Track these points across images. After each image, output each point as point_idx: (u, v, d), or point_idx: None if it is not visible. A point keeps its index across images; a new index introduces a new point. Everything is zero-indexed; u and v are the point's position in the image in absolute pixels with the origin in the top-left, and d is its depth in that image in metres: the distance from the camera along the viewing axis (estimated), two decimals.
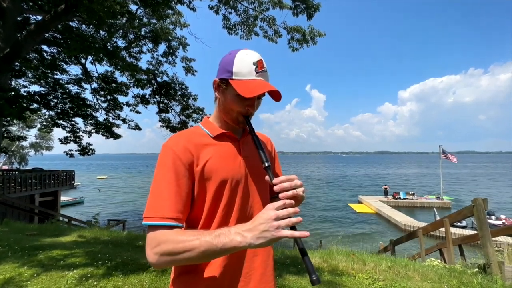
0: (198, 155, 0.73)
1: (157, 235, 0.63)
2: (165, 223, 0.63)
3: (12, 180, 11.71)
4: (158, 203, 0.66)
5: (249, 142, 0.83)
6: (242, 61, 0.74)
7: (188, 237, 0.61)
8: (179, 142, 0.74)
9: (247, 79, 0.73)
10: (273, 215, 0.59)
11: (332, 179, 54.52)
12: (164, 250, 0.61)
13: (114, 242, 4.49)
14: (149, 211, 0.65)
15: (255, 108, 0.77)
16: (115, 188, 40.13)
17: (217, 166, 0.74)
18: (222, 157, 0.76)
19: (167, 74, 12.11)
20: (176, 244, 0.60)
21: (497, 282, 2.75)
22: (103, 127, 11.66)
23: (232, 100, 0.76)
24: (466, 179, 51.65)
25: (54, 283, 2.60)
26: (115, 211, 23.60)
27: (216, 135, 0.79)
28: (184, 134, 0.78)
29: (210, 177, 0.72)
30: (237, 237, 0.59)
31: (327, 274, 3.04)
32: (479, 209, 3.27)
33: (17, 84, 10.02)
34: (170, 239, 0.61)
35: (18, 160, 31.15)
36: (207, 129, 0.81)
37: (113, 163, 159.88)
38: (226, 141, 0.80)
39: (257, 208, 0.78)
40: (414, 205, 25.53)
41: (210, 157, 0.74)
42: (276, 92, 0.76)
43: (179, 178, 0.69)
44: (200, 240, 0.60)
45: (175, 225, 0.64)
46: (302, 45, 8.30)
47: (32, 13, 8.55)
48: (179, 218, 0.66)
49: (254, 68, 0.73)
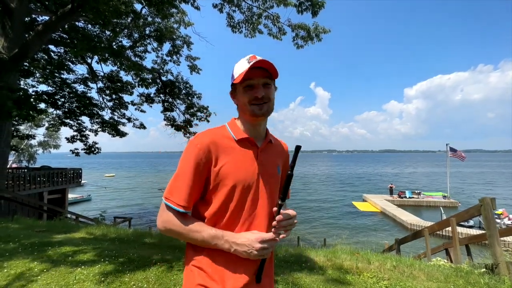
0: (217, 156, 0.82)
1: (167, 213, 0.81)
2: (176, 208, 0.79)
3: (21, 178, 11.97)
4: (175, 189, 0.81)
5: (268, 149, 0.93)
6: (238, 63, 0.87)
7: (192, 228, 0.79)
8: (204, 141, 0.82)
9: (242, 72, 0.83)
10: (258, 246, 0.77)
11: (336, 178, 54.23)
12: (170, 227, 0.80)
13: (120, 239, 4.56)
14: (168, 193, 0.81)
15: (262, 93, 0.83)
16: (121, 186, 40.66)
17: (233, 170, 0.82)
18: (239, 162, 0.84)
19: (171, 73, 12.19)
20: (180, 229, 0.79)
21: (505, 282, 2.70)
22: (109, 126, 11.80)
23: (241, 95, 0.86)
24: (474, 178, 50.77)
25: (63, 279, 2.66)
26: (121, 209, 23.94)
27: (239, 139, 0.87)
28: (210, 134, 0.85)
29: (225, 179, 0.82)
30: (226, 244, 0.78)
31: (332, 272, 3.03)
32: (486, 208, 3.22)
33: (25, 84, 10.21)
34: (177, 223, 0.79)
35: (27, 158, 31.78)
36: (233, 132, 0.89)
37: (119, 161, 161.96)
38: (247, 146, 0.88)
39: (264, 212, 0.86)
40: (420, 204, 25.23)
41: (228, 160, 0.83)
42: (268, 65, 0.83)
43: (196, 173, 0.80)
44: (200, 235, 0.78)
45: (182, 211, 0.80)
46: (307, 42, 8.25)
47: (39, 14, 8.68)
48: (187, 206, 0.80)
49: (246, 62, 0.83)
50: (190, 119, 12.44)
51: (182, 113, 12.52)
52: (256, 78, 0.83)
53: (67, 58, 10.44)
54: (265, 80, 0.85)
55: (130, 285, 2.57)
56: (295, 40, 8.32)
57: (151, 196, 30.45)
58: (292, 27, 8.20)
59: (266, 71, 0.85)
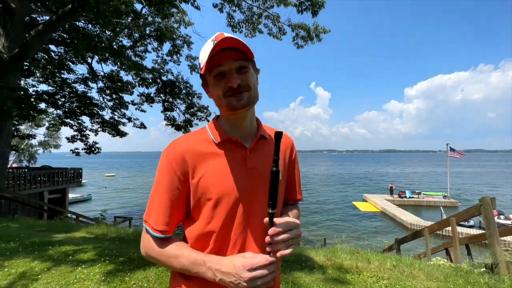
0: (195, 166, 0.68)
1: (147, 237, 0.70)
2: (153, 234, 0.68)
3: (22, 178, 12.00)
4: (151, 211, 0.69)
5: (260, 148, 0.75)
6: (203, 48, 0.69)
7: (171, 253, 0.67)
8: (176, 149, 0.69)
9: (208, 56, 0.65)
10: (247, 277, 0.60)
11: (336, 178, 54.22)
12: (149, 254, 0.69)
13: (121, 238, 4.57)
14: (146, 215, 0.70)
15: (236, 80, 0.65)
16: (122, 186, 40.70)
17: (215, 181, 0.68)
18: (221, 170, 0.69)
19: (172, 73, 12.21)
20: (158, 254, 0.68)
21: (504, 282, 2.71)
22: (109, 126, 11.82)
23: (212, 88, 0.70)
24: (474, 177, 50.73)
25: (64, 278, 2.67)
26: (122, 208, 23.97)
27: (219, 141, 0.71)
28: (184, 140, 0.72)
29: (206, 192, 0.67)
30: (209, 272, 0.64)
31: (332, 272, 3.04)
32: (486, 208, 3.22)
33: (26, 84, 10.22)
34: (156, 250, 0.68)
35: (27, 158, 31.83)
36: (213, 133, 0.73)
37: (119, 161, 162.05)
38: (231, 148, 0.72)
39: (259, 227, 0.69)
40: (420, 204, 25.24)
41: (208, 169, 0.68)
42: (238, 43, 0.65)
43: (172, 190, 0.68)
44: (179, 261, 0.66)
45: (161, 237, 0.68)
46: (307, 42, 8.25)
47: (39, 14, 8.69)
48: (165, 230, 0.68)
49: (212, 44, 0.65)
50: (190, 119, 12.46)
51: (182, 113, 12.54)
52: (227, 63, 0.65)
53: (67, 58, 10.45)
54: (239, 63, 0.66)
55: (130, 284, 2.58)
56: (295, 40, 8.33)
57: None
58: (292, 27, 8.20)
59: (240, 52, 0.66)
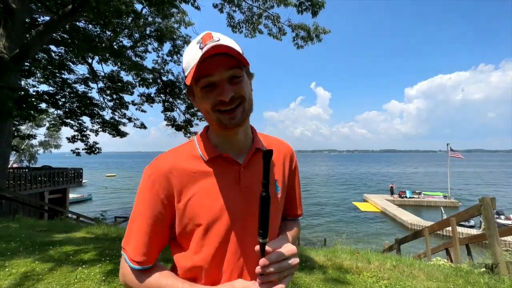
0: (181, 188, 0.60)
1: (125, 268, 0.62)
2: (131, 265, 0.60)
3: (22, 178, 12.02)
4: (130, 238, 0.62)
5: (256, 164, 0.65)
6: (187, 51, 0.59)
7: (152, 284, 0.59)
8: (160, 168, 0.61)
9: (194, 65, 0.55)
10: None
11: (337, 178, 54.21)
12: (128, 284, 0.62)
13: (121, 238, 4.55)
14: (124, 241, 0.63)
15: (228, 92, 0.55)
16: (122, 186, 40.73)
17: (204, 204, 0.60)
18: (212, 191, 0.61)
19: (172, 73, 12.21)
20: (137, 286, 0.60)
21: (504, 282, 2.71)
22: (110, 126, 11.83)
23: (200, 100, 0.59)
24: (475, 177, 50.67)
25: (64, 278, 2.68)
26: (122, 208, 23.98)
27: (209, 158, 0.63)
28: (169, 157, 0.63)
29: (195, 217, 0.60)
30: None
31: (332, 272, 3.04)
32: (486, 208, 3.22)
33: (26, 84, 10.24)
34: (135, 281, 0.61)
35: (28, 158, 31.86)
36: (201, 149, 0.65)
37: (120, 161, 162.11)
38: (223, 166, 0.63)
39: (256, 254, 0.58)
40: (421, 204, 25.23)
41: (197, 191, 0.60)
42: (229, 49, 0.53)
43: (153, 215, 0.60)
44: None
45: (139, 268, 0.60)
46: (307, 43, 8.26)
47: (40, 14, 8.70)
48: (144, 261, 0.60)
49: (198, 46, 0.56)
50: (190, 119, 12.47)
51: (183, 113, 12.55)
52: (217, 72, 0.55)
53: (67, 58, 10.47)
54: (231, 72, 0.56)
55: None
56: (295, 40, 8.33)
57: None
58: (292, 27, 8.20)
59: (232, 58, 0.55)
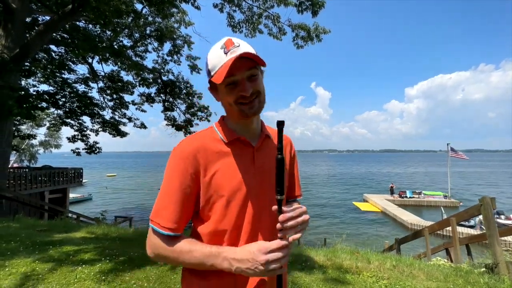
0: (206, 165, 0.71)
1: (155, 238, 0.69)
2: (162, 232, 0.67)
3: (22, 178, 12.03)
4: (160, 210, 0.69)
5: (265, 147, 0.79)
6: (211, 54, 0.72)
7: (183, 249, 0.67)
8: (188, 148, 0.71)
9: (220, 67, 0.69)
10: (262, 259, 0.61)
11: (337, 178, 54.20)
12: (159, 253, 0.68)
13: (121, 238, 4.58)
14: (153, 215, 0.70)
15: (249, 89, 0.69)
16: (123, 186, 40.78)
17: (227, 178, 0.71)
18: (232, 169, 0.72)
19: (172, 73, 12.19)
20: (170, 252, 0.67)
21: (504, 282, 2.71)
22: (110, 126, 11.83)
23: (224, 95, 0.72)
24: (475, 177, 50.64)
25: (64, 277, 2.68)
26: (123, 208, 24.00)
27: (229, 141, 0.75)
28: (194, 139, 0.74)
29: (218, 190, 0.70)
30: (225, 263, 0.64)
31: (331, 272, 3.04)
32: (486, 208, 3.22)
33: (26, 84, 10.24)
34: (166, 247, 0.68)
35: (28, 158, 31.88)
36: (221, 133, 0.77)
37: (120, 160, 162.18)
38: (240, 147, 0.75)
39: (271, 222, 0.72)
40: (421, 204, 25.21)
41: (219, 167, 0.71)
42: (248, 56, 0.67)
43: (182, 188, 0.69)
44: (192, 255, 0.66)
45: (171, 234, 0.68)
46: (307, 43, 8.25)
47: (40, 14, 8.70)
48: (176, 228, 0.68)
49: (223, 51, 0.70)
50: (190, 118, 12.46)
51: (183, 113, 12.54)
52: (239, 73, 0.68)
53: (68, 58, 10.47)
54: (250, 72, 0.69)
55: (130, 284, 2.59)
56: (295, 40, 8.33)
57: (152, 196, 30.49)
58: (292, 27, 8.20)
59: (251, 60, 0.69)
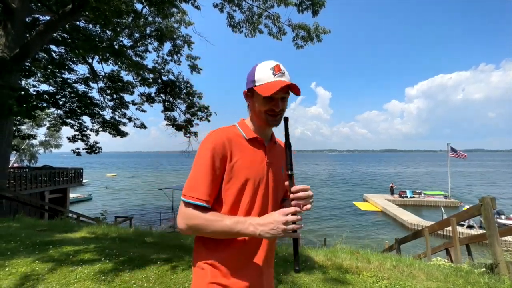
0: (231, 153, 0.86)
1: (189, 211, 0.80)
2: (198, 203, 0.79)
3: (23, 178, 12.03)
4: (195, 185, 0.81)
5: (273, 149, 0.98)
6: (261, 69, 0.89)
7: (215, 218, 0.79)
8: (218, 137, 0.86)
9: (267, 82, 0.86)
10: (283, 219, 0.76)
11: (337, 178, 54.18)
12: (193, 223, 0.79)
13: (121, 238, 4.57)
14: (187, 190, 0.81)
15: (280, 107, 0.88)
16: (123, 186, 40.76)
17: (245, 166, 0.87)
18: (250, 159, 0.89)
19: (172, 73, 12.19)
20: (204, 221, 0.79)
21: (504, 282, 2.70)
22: (110, 125, 11.83)
23: (259, 104, 0.89)
24: (475, 177, 50.61)
25: (64, 277, 2.68)
26: (123, 208, 24.01)
27: (249, 138, 0.92)
28: (223, 131, 0.90)
29: (238, 174, 0.85)
30: (251, 227, 0.78)
31: (331, 272, 3.04)
32: (487, 208, 3.21)
33: (27, 84, 10.24)
34: (200, 217, 0.79)
35: (28, 158, 31.89)
36: (243, 131, 0.93)
37: (120, 160, 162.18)
38: (256, 145, 0.93)
39: (273, 206, 0.92)
40: (421, 204, 25.19)
41: (240, 156, 0.87)
42: (294, 87, 0.87)
43: (214, 168, 0.82)
44: (223, 223, 0.78)
45: (205, 206, 0.80)
46: (307, 43, 8.24)
47: (40, 14, 8.70)
48: (209, 200, 0.81)
49: (272, 72, 0.87)
50: (190, 118, 12.46)
51: (183, 113, 12.55)
52: (280, 94, 0.87)
53: (68, 58, 10.47)
54: (285, 95, 0.89)
55: (130, 284, 2.59)
56: (295, 40, 8.32)
57: (152, 195, 30.47)
58: (292, 27, 8.19)
59: (288, 87, 0.87)
